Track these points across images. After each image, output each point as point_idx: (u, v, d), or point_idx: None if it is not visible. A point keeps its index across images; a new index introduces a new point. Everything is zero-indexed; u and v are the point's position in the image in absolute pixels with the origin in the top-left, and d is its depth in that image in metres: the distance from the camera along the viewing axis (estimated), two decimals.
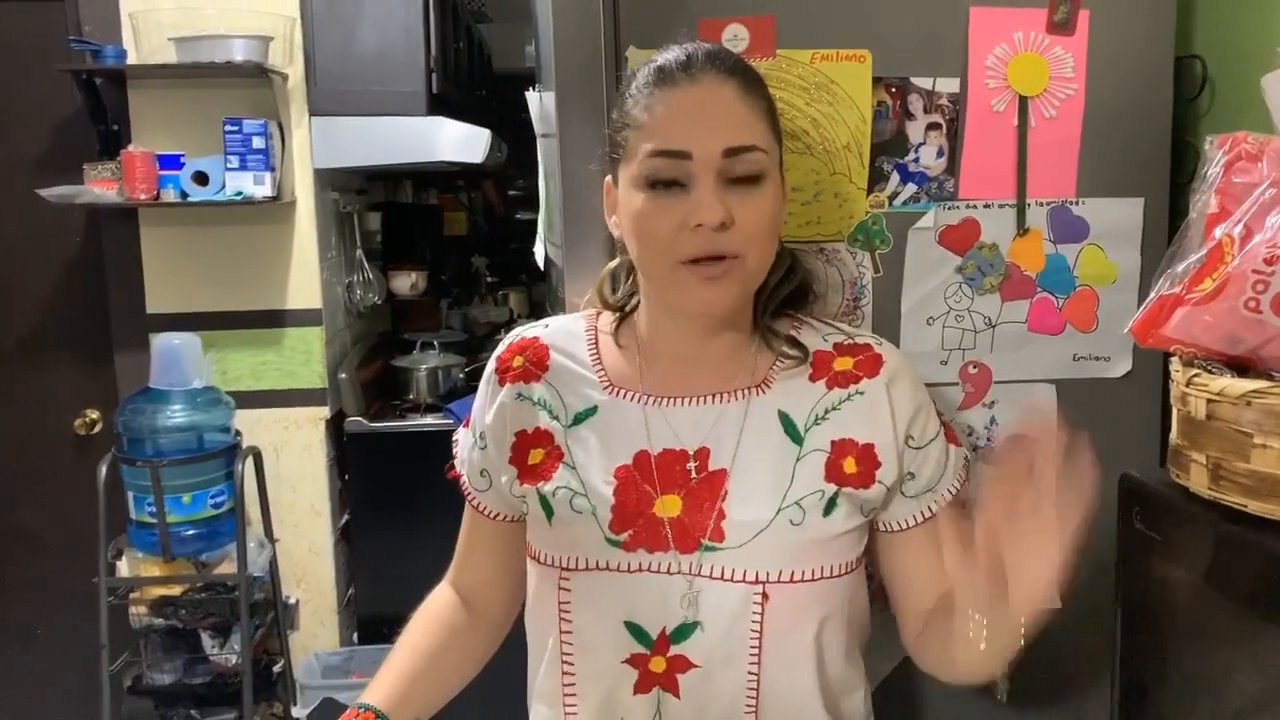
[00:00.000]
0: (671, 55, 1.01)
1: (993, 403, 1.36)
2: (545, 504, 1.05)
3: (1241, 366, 0.89)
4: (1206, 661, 0.93)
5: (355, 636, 2.96)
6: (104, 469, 2.41)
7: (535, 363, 1.10)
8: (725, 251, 0.97)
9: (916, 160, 1.31)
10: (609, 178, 1.06)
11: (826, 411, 1.04)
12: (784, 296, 1.10)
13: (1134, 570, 0.99)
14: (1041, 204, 1.33)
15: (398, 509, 2.79)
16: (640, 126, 0.99)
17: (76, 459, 2.79)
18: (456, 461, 1.17)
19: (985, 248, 1.33)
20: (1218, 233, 0.88)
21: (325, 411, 2.82)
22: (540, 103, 1.50)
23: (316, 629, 2.89)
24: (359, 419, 2.84)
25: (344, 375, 2.84)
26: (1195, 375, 0.88)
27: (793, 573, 1.00)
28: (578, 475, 1.04)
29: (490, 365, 1.13)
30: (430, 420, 2.88)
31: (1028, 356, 1.35)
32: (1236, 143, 0.90)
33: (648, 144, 0.98)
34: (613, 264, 1.14)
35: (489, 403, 1.11)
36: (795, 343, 1.07)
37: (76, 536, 2.68)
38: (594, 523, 1.02)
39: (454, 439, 1.18)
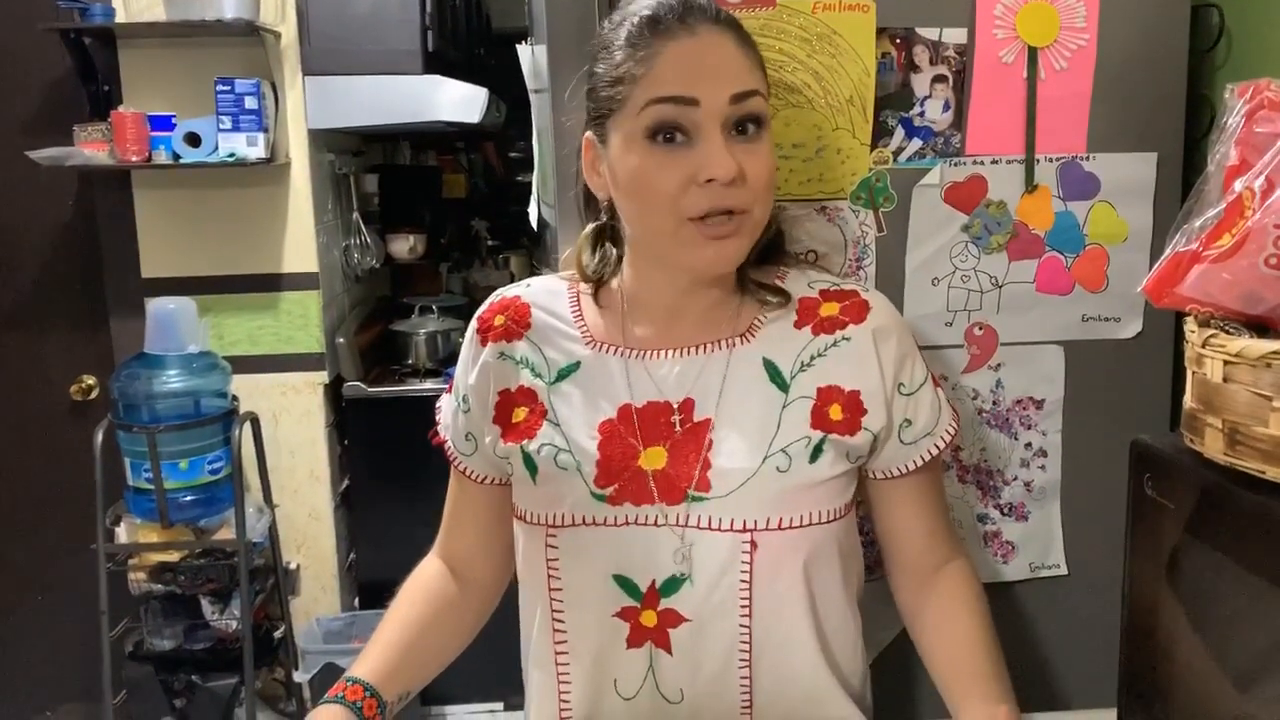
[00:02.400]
0: (661, 6, 0.98)
1: (999, 365, 1.33)
2: (529, 462, 1.04)
3: (1261, 326, 0.86)
4: (1218, 629, 0.90)
5: (356, 601, 2.96)
6: (100, 435, 2.39)
7: (517, 321, 1.09)
8: (735, 206, 0.96)
9: (922, 114, 1.27)
10: (589, 134, 1.03)
11: (812, 358, 1.03)
12: (766, 252, 1.08)
13: (1145, 537, 0.97)
14: (1051, 160, 1.29)
15: (397, 474, 2.77)
16: (638, 79, 0.96)
17: (73, 425, 2.78)
18: (440, 427, 1.16)
19: (992, 205, 1.29)
20: (1237, 186, 0.84)
21: (323, 376, 2.80)
22: (532, 56, 1.46)
23: (318, 594, 2.89)
24: (358, 384, 2.83)
25: (342, 340, 2.82)
26: (1212, 336, 0.84)
27: (780, 520, 0.99)
28: (561, 432, 1.03)
29: (472, 325, 1.12)
30: (430, 385, 2.87)
31: (1035, 317, 1.32)
32: (1258, 91, 0.86)
33: (649, 93, 0.95)
34: (589, 229, 1.10)
35: (471, 363, 1.11)
36: (777, 289, 1.06)
37: (74, 503, 2.67)
38: (579, 478, 1.01)
39: (437, 405, 1.16)
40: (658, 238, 1.00)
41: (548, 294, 1.11)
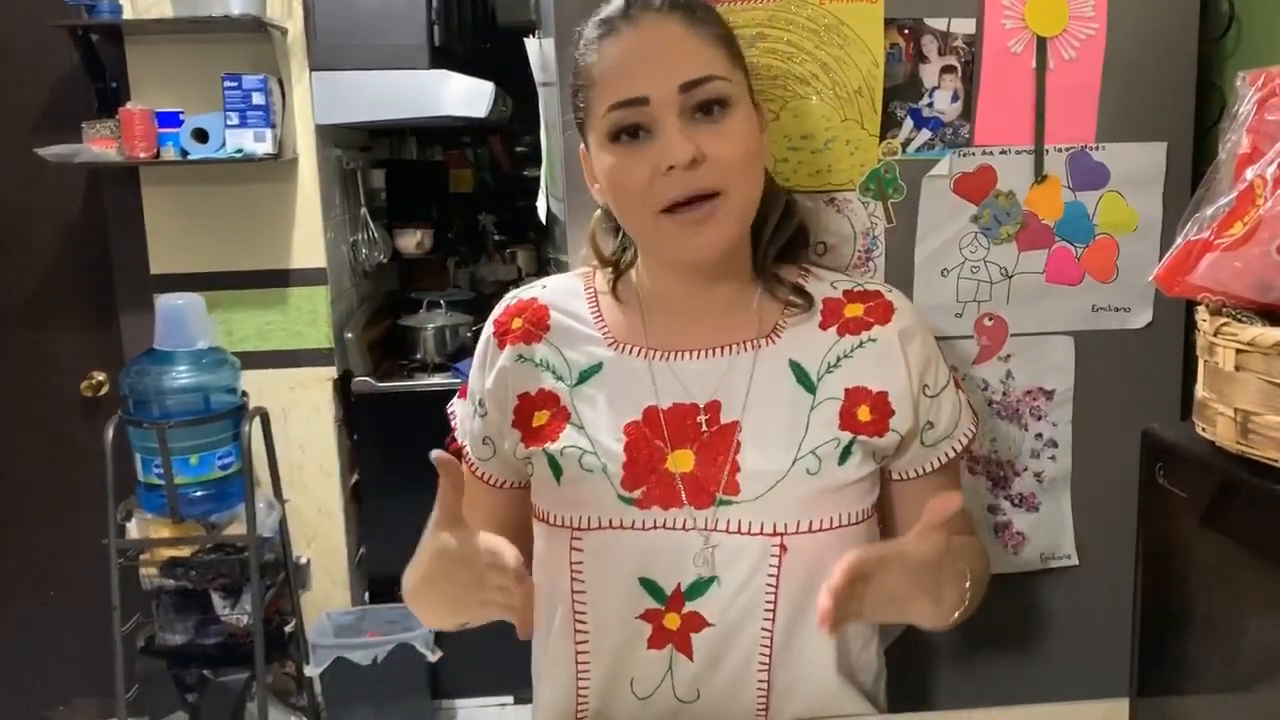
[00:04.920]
0: (612, 4, 0.98)
1: (1008, 356, 1.32)
2: (553, 463, 1.03)
3: (1273, 315, 0.85)
4: (1230, 619, 0.90)
5: (367, 596, 2.96)
6: (111, 431, 2.40)
7: (535, 323, 1.08)
8: (704, 189, 0.95)
9: (931, 105, 1.27)
10: (582, 146, 1.03)
11: (839, 359, 1.03)
12: (784, 243, 1.07)
13: (1157, 527, 0.96)
14: (1060, 149, 1.28)
15: (407, 468, 2.74)
16: (594, 83, 0.97)
17: (84, 421, 2.79)
18: (456, 434, 1.14)
19: (1002, 196, 1.29)
20: (1249, 174, 0.84)
21: (332, 371, 2.80)
22: (540, 50, 1.46)
23: (328, 589, 2.89)
24: (366, 379, 2.83)
25: (350, 335, 2.82)
26: (1224, 324, 0.84)
27: (810, 522, 0.99)
28: (586, 434, 1.02)
29: (488, 329, 1.11)
30: (438, 379, 2.87)
31: (1045, 308, 1.31)
32: (1270, 79, 0.85)
33: (604, 99, 0.96)
34: (599, 213, 1.11)
35: (488, 367, 1.09)
36: (801, 290, 1.05)
37: (85, 499, 2.68)
38: (605, 480, 1.01)
39: (449, 411, 1.15)
40: (641, 234, 1.01)
41: (565, 294, 1.10)
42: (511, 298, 1.12)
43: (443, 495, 0.91)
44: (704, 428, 1.01)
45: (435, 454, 0.90)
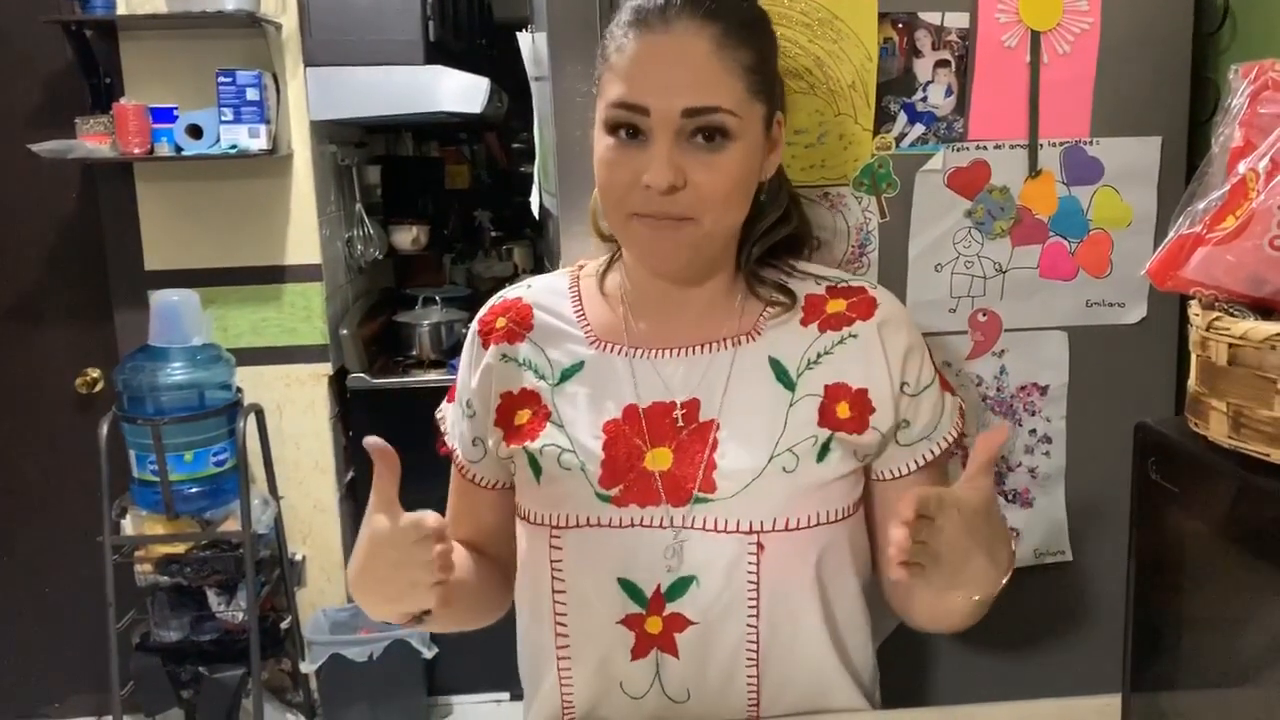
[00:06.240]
0: None
1: (1002, 351, 1.32)
2: (533, 462, 1.03)
3: (1266, 309, 0.85)
4: (1223, 613, 0.90)
5: None
6: (105, 428, 2.39)
7: (519, 322, 1.08)
8: (675, 214, 0.95)
9: (924, 99, 1.27)
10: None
11: (819, 355, 1.02)
12: (776, 243, 1.06)
13: (1149, 522, 0.96)
14: (1054, 144, 1.28)
15: (402, 465, 2.75)
16: (611, 68, 0.96)
17: (78, 418, 2.78)
18: (447, 438, 1.13)
19: (996, 190, 1.29)
20: (1241, 168, 0.83)
21: (327, 368, 2.80)
22: (533, 45, 1.46)
23: (324, 585, 2.89)
24: (362, 375, 2.82)
25: (345, 331, 2.81)
26: (1216, 319, 0.84)
27: (788, 520, 0.98)
28: (565, 433, 1.02)
29: (473, 328, 1.11)
30: (434, 376, 2.87)
31: (1039, 303, 1.31)
32: (1263, 71, 0.85)
33: (611, 91, 0.95)
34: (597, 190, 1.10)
35: (474, 366, 1.09)
36: (784, 289, 1.04)
37: (81, 496, 2.68)
38: (583, 478, 1.00)
39: (438, 416, 1.15)
40: (614, 228, 1.01)
41: (550, 294, 1.10)
42: (497, 298, 1.12)
43: (378, 481, 0.92)
44: (680, 424, 1.01)
45: (368, 440, 0.92)
